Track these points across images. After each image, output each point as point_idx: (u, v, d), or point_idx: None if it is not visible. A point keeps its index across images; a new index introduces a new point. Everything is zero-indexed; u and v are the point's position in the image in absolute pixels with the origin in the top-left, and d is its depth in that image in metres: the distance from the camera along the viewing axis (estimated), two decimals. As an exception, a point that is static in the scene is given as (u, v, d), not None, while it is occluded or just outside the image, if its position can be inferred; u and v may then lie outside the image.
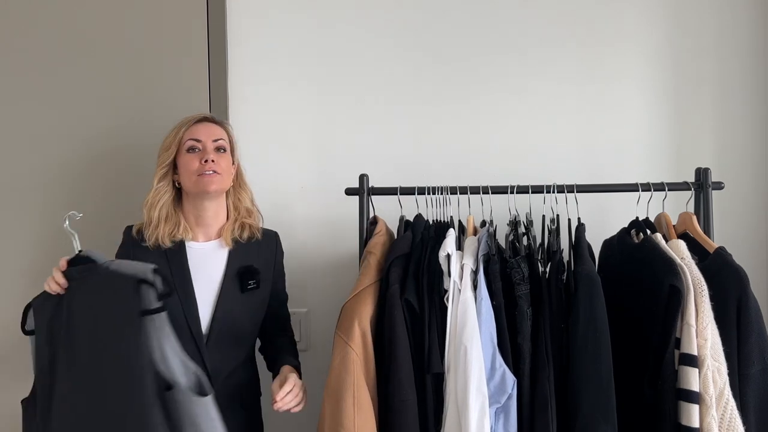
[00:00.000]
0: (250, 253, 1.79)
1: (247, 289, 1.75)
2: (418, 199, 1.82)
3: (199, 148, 1.73)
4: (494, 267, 1.63)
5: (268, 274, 1.82)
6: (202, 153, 1.72)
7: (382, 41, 2.16)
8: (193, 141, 1.73)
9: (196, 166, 1.71)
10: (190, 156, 1.72)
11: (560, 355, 1.57)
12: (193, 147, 1.73)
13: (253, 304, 1.78)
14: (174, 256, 1.72)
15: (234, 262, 1.76)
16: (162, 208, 1.73)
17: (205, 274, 1.74)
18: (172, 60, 2.13)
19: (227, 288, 1.74)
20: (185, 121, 1.76)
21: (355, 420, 1.53)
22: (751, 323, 1.54)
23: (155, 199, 1.73)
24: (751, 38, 2.14)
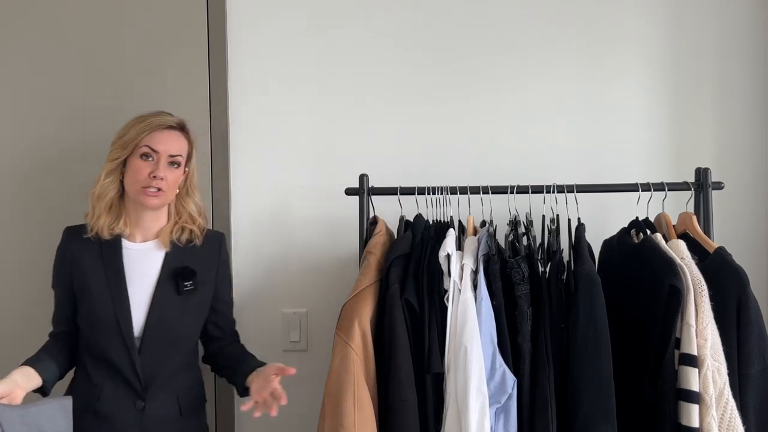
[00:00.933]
0: (189, 255, 1.75)
1: (184, 290, 1.71)
2: (418, 199, 1.82)
3: (153, 158, 1.67)
4: (494, 267, 1.63)
5: (209, 276, 1.78)
6: (153, 165, 1.67)
7: (382, 41, 2.16)
8: (149, 149, 1.67)
9: (143, 176, 1.66)
10: (141, 163, 1.67)
11: (560, 355, 1.57)
12: (147, 154, 1.67)
13: (190, 307, 1.74)
14: (109, 254, 1.70)
15: (170, 264, 1.73)
16: (107, 202, 1.70)
17: (140, 275, 1.71)
18: (172, 60, 2.12)
19: (162, 289, 1.70)
20: (149, 125, 1.69)
21: (355, 420, 1.53)
22: (751, 323, 1.54)
23: (102, 192, 1.69)
24: (751, 38, 2.14)
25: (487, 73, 2.15)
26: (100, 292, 1.68)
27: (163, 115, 1.73)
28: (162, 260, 1.73)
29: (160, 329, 1.69)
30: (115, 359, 1.66)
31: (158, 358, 1.68)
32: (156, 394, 1.68)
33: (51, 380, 1.62)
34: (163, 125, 1.70)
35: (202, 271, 1.76)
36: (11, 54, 2.13)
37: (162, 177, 1.66)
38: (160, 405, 1.69)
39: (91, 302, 1.68)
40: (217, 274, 1.81)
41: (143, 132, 1.68)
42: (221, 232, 1.88)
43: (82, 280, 1.70)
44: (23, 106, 2.14)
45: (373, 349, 1.61)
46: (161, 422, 1.69)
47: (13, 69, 2.14)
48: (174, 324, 1.70)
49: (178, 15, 2.13)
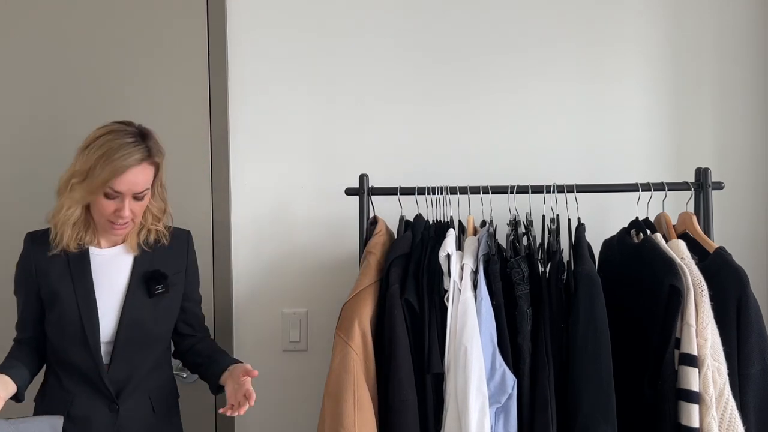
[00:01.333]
0: (158, 257, 1.74)
1: (155, 293, 1.70)
2: (418, 199, 1.82)
3: (117, 197, 1.61)
4: (494, 267, 1.63)
5: (179, 277, 1.77)
6: (119, 202, 1.61)
7: (382, 41, 2.15)
8: (113, 191, 1.60)
9: (108, 212, 1.62)
10: (105, 202, 1.62)
11: (560, 355, 1.58)
12: (110, 195, 1.61)
13: (163, 309, 1.73)
14: (76, 262, 1.68)
15: (140, 267, 1.71)
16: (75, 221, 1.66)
17: (109, 281, 1.69)
18: (172, 60, 2.13)
19: (133, 293, 1.69)
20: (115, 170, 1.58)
21: (355, 420, 1.53)
22: (751, 323, 1.54)
23: (65, 220, 1.65)
24: (751, 38, 2.14)
25: (487, 73, 2.15)
26: (67, 301, 1.66)
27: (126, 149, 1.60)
28: (131, 264, 1.72)
29: (133, 333, 1.68)
30: (83, 368, 1.66)
31: (131, 361, 1.68)
32: (129, 396, 1.68)
33: (24, 386, 1.62)
34: (133, 165, 1.60)
35: (172, 273, 1.75)
36: (10, 54, 2.13)
37: (126, 215, 1.62)
38: (134, 406, 1.68)
39: (60, 310, 1.66)
40: (186, 274, 1.80)
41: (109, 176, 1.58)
42: (187, 230, 1.84)
43: (49, 289, 1.67)
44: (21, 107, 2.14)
45: (373, 349, 1.61)
46: (135, 422, 1.69)
47: (11, 69, 2.14)
48: (146, 327, 1.69)
49: (178, 16, 2.13)
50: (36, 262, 1.69)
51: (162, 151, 1.69)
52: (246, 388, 1.56)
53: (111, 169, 1.58)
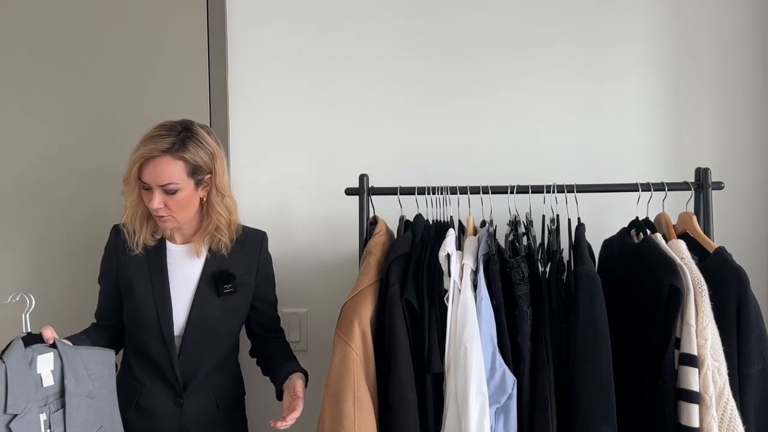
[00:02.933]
0: (229, 257, 1.77)
1: (224, 293, 1.74)
2: (418, 199, 1.82)
3: (150, 188, 1.65)
4: (494, 267, 1.63)
5: (249, 278, 1.80)
6: (151, 194, 1.65)
7: (383, 41, 2.16)
8: (143, 182, 1.66)
9: (147, 204, 1.67)
10: (144, 194, 1.68)
11: (560, 355, 1.57)
12: (144, 186, 1.66)
13: (230, 309, 1.77)
14: (154, 256, 1.74)
15: (210, 266, 1.76)
16: (140, 218, 1.73)
17: (182, 276, 1.75)
18: (172, 60, 2.12)
19: (203, 291, 1.74)
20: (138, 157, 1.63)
21: (355, 419, 1.53)
22: (751, 323, 1.54)
23: (132, 214, 1.72)
24: (751, 38, 2.14)
25: (488, 74, 2.15)
26: (144, 292, 1.72)
27: (153, 141, 1.63)
28: (203, 262, 1.76)
29: (201, 330, 1.73)
30: (156, 358, 1.72)
31: (197, 357, 1.73)
32: (194, 391, 1.73)
33: None
34: (147, 156, 1.63)
35: (241, 273, 1.78)
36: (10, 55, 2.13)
37: (157, 207, 1.65)
38: (198, 401, 1.74)
39: (136, 301, 1.72)
40: (257, 275, 1.83)
41: (135, 164, 1.64)
42: (263, 231, 1.87)
43: (127, 279, 1.74)
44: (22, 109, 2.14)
45: (373, 348, 1.61)
46: (200, 417, 1.74)
47: (11, 70, 2.13)
48: (214, 325, 1.74)
49: (178, 15, 2.13)
50: (118, 254, 1.75)
51: (207, 148, 1.68)
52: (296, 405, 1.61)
53: (135, 159, 1.65)
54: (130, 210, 1.72)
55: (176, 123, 1.68)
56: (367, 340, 1.60)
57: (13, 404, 1.40)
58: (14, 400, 1.40)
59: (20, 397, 1.41)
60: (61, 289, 2.11)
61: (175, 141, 1.64)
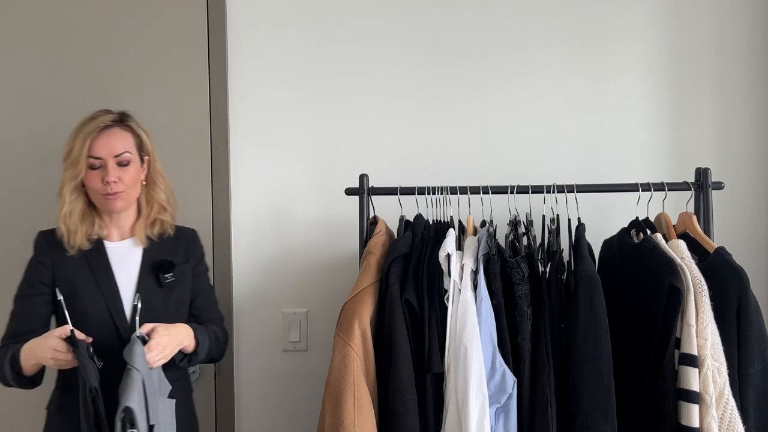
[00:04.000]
0: (166, 249, 1.77)
1: (165, 282, 1.72)
2: (418, 199, 1.82)
3: (100, 165, 1.65)
4: (494, 267, 1.63)
5: (187, 269, 1.79)
6: (103, 171, 1.65)
7: (383, 41, 2.15)
8: (93, 159, 1.64)
9: (98, 185, 1.65)
10: (92, 174, 1.65)
11: (560, 355, 1.57)
12: (95, 165, 1.64)
13: (173, 300, 1.74)
14: (94, 257, 1.70)
15: (148, 258, 1.74)
16: (78, 215, 1.68)
17: (125, 271, 1.72)
18: (172, 60, 2.13)
19: (145, 284, 1.71)
20: (87, 133, 1.65)
21: (355, 419, 1.53)
22: (751, 323, 1.54)
23: (71, 210, 1.67)
24: (751, 38, 2.14)
25: (487, 73, 2.15)
26: (91, 294, 1.67)
27: (99, 116, 1.68)
28: (141, 256, 1.74)
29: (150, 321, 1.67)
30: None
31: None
32: None
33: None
34: (98, 127, 1.66)
35: (180, 263, 1.77)
36: (9, 54, 2.13)
37: (114, 180, 1.64)
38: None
39: (84, 304, 1.67)
40: (194, 269, 1.82)
41: (84, 142, 1.64)
42: (193, 229, 1.86)
43: (70, 283, 1.67)
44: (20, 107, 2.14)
45: (373, 348, 1.61)
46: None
47: (11, 69, 2.14)
48: (160, 317, 1.69)
49: (178, 15, 2.13)
50: (53, 260, 1.69)
51: (144, 129, 1.75)
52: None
53: (84, 135, 1.64)
54: (68, 206, 1.67)
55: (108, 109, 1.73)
56: (367, 340, 1.60)
57: (152, 415, 1.50)
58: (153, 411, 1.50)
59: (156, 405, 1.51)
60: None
61: (118, 116, 1.71)
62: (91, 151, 1.64)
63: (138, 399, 1.46)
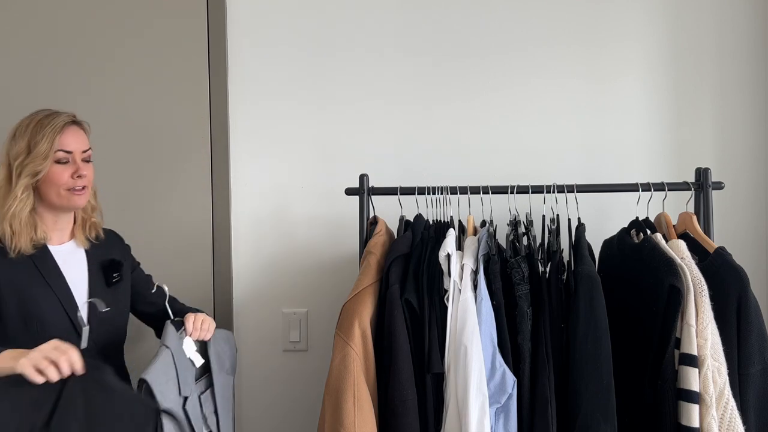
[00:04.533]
0: (105, 249, 1.75)
1: (113, 282, 1.71)
2: (418, 199, 1.82)
3: (69, 160, 1.62)
4: (494, 267, 1.63)
5: (126, 267, 1.78)
6: (72, 165, 1.62)
7: (383, 41, 2.16)
8: (64, 153, 1.61)
9: (65, 179, 1.61)
10: (59, 168, 1.61)
11: (560, 355, 1.57)
12: (63, 159, 1.61)
13: (121, 298, 1.73)
14: (41, 261, 1.63)
15: (94, 259, 1.72)
16: (25, 217, 1.61)
17: (73, 273, 1.68)
18: (172, 61, 2.13)
19: (94, 285, 1.69)
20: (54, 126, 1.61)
21: (355, 419, 1.53)
22: (751, 323, 1.54)
23: (20, 209, 1.59)
24: (751, 38, 2.14)
25: (487, 73, 2.15)
26: (46, 297, 1.61)
27: (56, 112, 1.65)
28: (85, 258, 1.72)
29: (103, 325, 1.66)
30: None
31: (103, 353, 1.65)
32: None
33: None
34: (64, 122, 1.63)
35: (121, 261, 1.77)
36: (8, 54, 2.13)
37: (85, 174, 1.64)
38: None
39: (40, 309, 1.60)
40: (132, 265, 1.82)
41: (53, 137, 1.60)
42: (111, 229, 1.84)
43: (18, 288, 1.59)
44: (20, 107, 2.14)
45: (374, 348, 1.61)
46: None
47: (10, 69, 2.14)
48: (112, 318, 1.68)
49: (178, 15, 2.13)
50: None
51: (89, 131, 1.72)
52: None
53: (51, 130, 1.60)
54: (18, 205, 1.59)
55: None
56: (367, 340, 1.60)
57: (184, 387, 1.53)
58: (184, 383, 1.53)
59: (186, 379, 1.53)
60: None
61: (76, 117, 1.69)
62: (62, 144, 1.61)
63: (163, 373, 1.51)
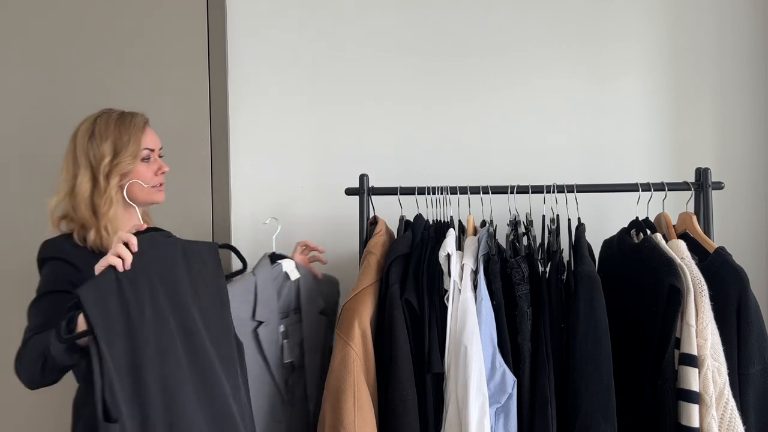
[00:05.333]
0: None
1: None
2: (418, 199, 1.82)
3: (151, 158, 1.66)
4: (494, 267, 1.63)
5: None
6: (155, 163, 1.66)
7: (383, 41, 2.16)
8: (148, 151, 1.64)
9: (149, 177, 1.64)
10: (144, 167, 1.64)
11: (560, 355, 1.57)
12: (147, 157, 1.65)
13: None
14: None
15: None
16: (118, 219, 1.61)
17: None
18: (172, 61, 2.13)
19: None
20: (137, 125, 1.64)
21: (355, 419, 1.53)
22: (751, 323, 1.54)
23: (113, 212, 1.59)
24: (751, 38, 2.14)
25: (487, 73, 2.15)
26: None
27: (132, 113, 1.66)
28: None
29: None
30: None
31: None
32: None
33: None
34: (145, 121, 1.67)
35: None
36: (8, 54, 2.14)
37: (166, 170, 1.67)
38: None
39: None
40: None
41: (139, 135, 1.63)
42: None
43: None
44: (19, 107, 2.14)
45: (374, 348, 1.61)
46: None
47: (10, 69, 2.14)
48: None
49: (178, 16, 2.13)
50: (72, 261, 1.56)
51: None
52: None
53: (135, 130, 1.63)
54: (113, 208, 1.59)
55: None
56: (367, 340, 1.60)
57: (260, 313, 1.68)
58: (261, 310, 1.68)
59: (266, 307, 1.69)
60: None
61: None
62: (145, 143, 1.64)
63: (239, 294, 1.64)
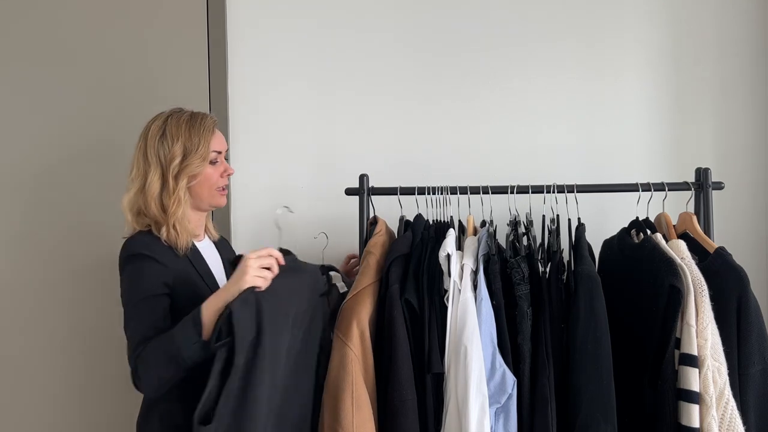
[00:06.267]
0: (223, 244, 1.82)
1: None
2: (418, 199, 1.82)
3: (217, 161, 1.67)
4: (494, 267, 1.63)
5: None
6: (221, 165, 1.67)
7: (383, 41, 2.16)
8: (216, 153, 1.65)
9: (216, 179, 1.65)
10: (211, 169, 1.65)
11: (560, 355, 1.57)
12: (215, 160, 1.66)
13: None
14: (195, 258, 1.65)
15: (223, 255, 1.77)
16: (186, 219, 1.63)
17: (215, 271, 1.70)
18: (172, 60, 2.13)
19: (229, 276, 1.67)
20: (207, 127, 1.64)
21: (353, 419, 1.53)
22: (751, 323, 1.54)
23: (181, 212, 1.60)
24: (751, 38, 2.14)
25: (487, 73, 2.15)
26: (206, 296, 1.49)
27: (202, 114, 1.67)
28: (217, 252, 1.76)
29: None
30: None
31: None
32: None
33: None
34: (215, 123, 1.68)
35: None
36: (10, 54, 2.14)
37: (232, 173, 1.70)
38: None
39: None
40: None
41: (209, 137, 1.63)
42: None
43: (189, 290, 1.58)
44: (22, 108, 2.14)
45: (373, 348, 1.61)
46: None
47: (12, 69, 2.14)
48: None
49: (178, 15, 2.13)
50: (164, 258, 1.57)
51: None
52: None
53: (205, 132, 1.63)
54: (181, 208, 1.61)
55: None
56: (366, 340, 1.60)
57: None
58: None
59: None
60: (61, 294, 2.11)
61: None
62: (213, 146, 1.65)
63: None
